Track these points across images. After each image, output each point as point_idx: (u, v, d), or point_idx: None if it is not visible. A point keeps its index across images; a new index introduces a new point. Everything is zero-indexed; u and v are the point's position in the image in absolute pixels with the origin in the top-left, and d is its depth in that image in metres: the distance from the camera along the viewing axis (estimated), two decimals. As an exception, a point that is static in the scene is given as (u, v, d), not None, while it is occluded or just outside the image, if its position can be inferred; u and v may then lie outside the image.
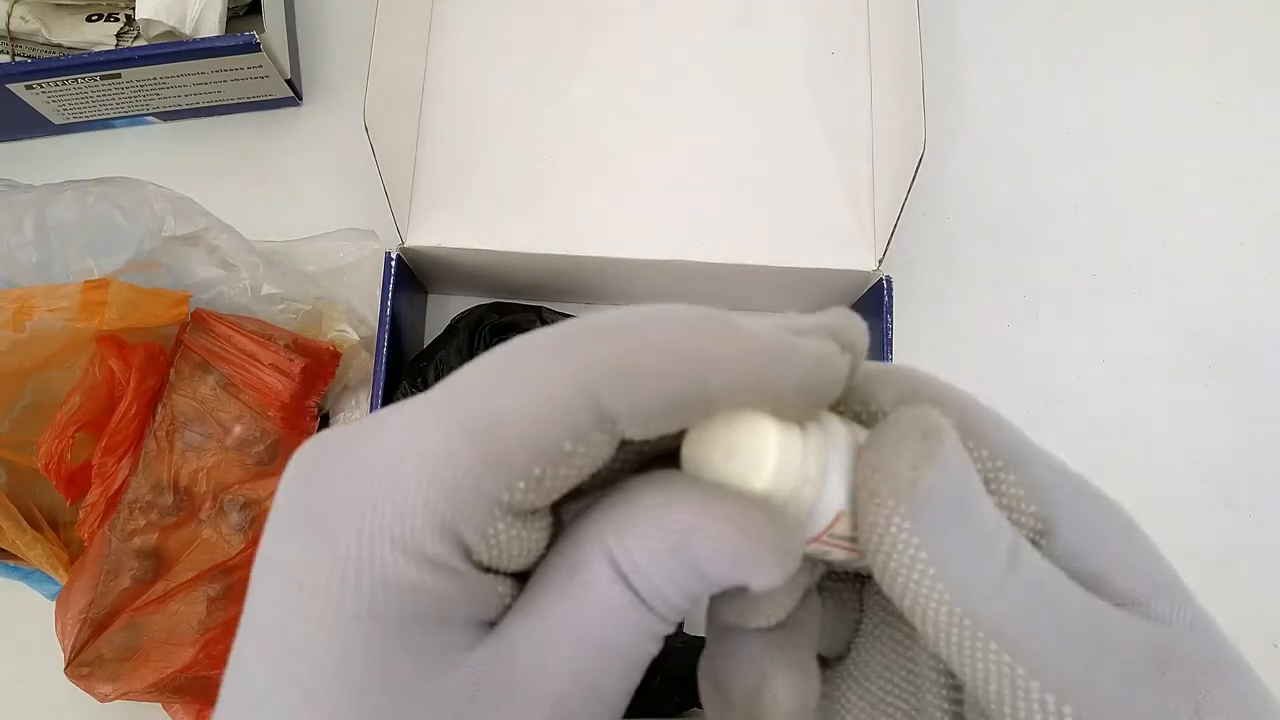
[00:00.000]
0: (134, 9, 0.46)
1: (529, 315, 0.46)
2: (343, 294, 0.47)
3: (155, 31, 0.46)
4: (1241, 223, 0.53)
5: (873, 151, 0.47)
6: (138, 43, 0.48)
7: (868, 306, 0.46)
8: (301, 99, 0.53)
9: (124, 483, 0.41)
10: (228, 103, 0.52)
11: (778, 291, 0.48)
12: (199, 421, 0.41)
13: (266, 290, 0.44)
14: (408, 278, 0.46)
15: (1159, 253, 0.53)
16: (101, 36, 0.48)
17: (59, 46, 0.48)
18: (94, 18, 0.48)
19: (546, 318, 0.46)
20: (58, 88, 0.47)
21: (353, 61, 0.53)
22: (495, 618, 0.15)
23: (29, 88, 0.47)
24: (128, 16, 0.48)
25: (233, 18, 0.50)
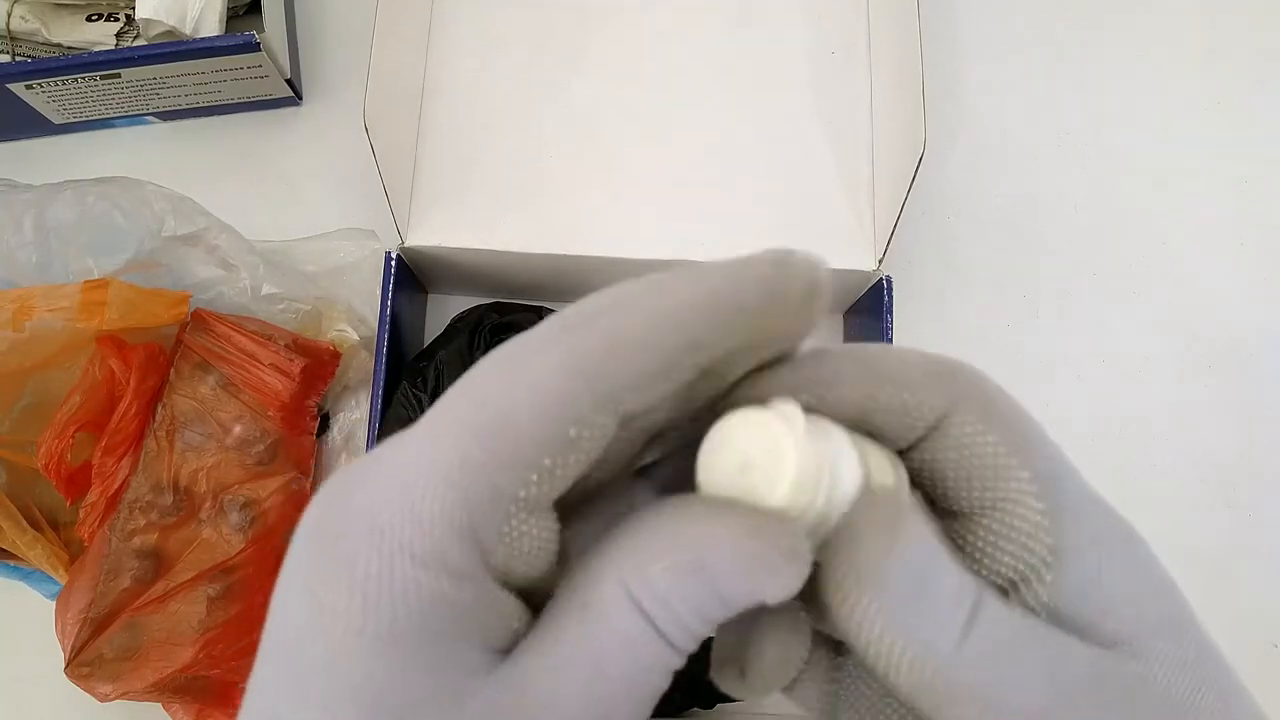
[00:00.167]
0: (134, 9, 0.46)
1: (529, 315, 0.46)
2: (343, 294, 0.47)
3: (155, 31, 0.46)
4: (1241, 223, 0.53)
5: (873, 151, 0.47)
6: (138, 42, 0.48)
7: (868, 306, 0.46)
8: (301, 99, 0.53)
9: (124, 483, 0.41)
10: (227, 102, 0.51)
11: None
12: (199, 421, 0.41)
13: (266, 290, 0.44)
14: (408, 278, 0.46)
15: (1159, 253, 0.53)
16: (101, 36, 0.48)
17: (59, 46, 0.48)
18: (94, 17, 0.48)
19: (546, 318, 0.46)
20: (58, 88, 0.47)
21: (353, 61, 0.53)
22: (508, 646, 0.15)
23: (29, 88, 0.47)
24: (128, 16, 0.48)
25: (233, 18, 0.50)
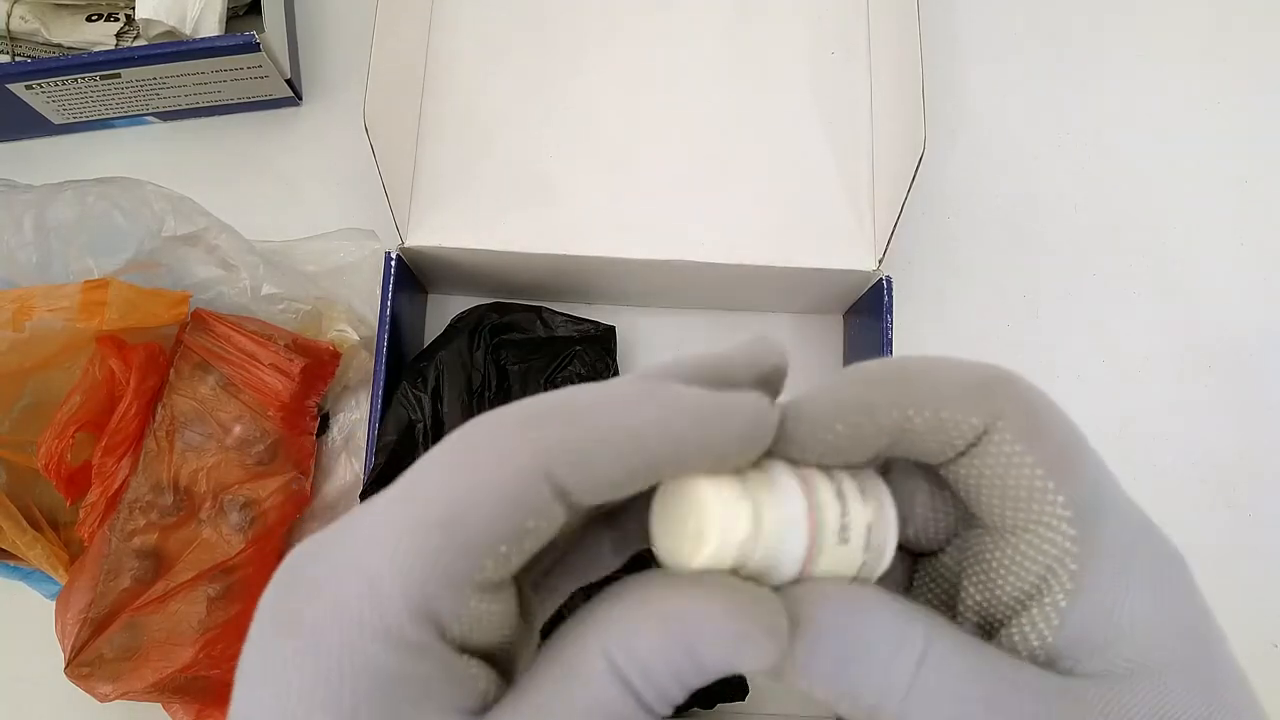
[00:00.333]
0: (134, 9, 0.46)
1: (529, 315, 0.46)
2: (343, 294, 0.47)
3: (155, 31, 0.46)
4: (1241, 223, 0.53)
5: (873, 151, 0.47)
6: (137, 43, 0.48)
7: (868, 307, 0.46)
8: (301, 99, 0.53)
9: (124, 483, 0.41)
10: (227, 103, 0.51)
11: (778, 291, 0.48)
12: (199, 421, 0.41)
13: (266, 290, 0.44)
14: (408, 278, 0.46)
15: (1159, 253, 0.53)
16: (101, 36, 0.48)
17: (59, 46, 0.48)
18: (94, 18, 0.48)
19: (546, 318, 0.46)
20: (58, 88, 0.47)
21: (353, 61, 0.53)
22: (478, 707, 0.15)
23: (29, 88, 0.47)
24: (128, 16, 0.48)
25: (232, 18, 0.50)
